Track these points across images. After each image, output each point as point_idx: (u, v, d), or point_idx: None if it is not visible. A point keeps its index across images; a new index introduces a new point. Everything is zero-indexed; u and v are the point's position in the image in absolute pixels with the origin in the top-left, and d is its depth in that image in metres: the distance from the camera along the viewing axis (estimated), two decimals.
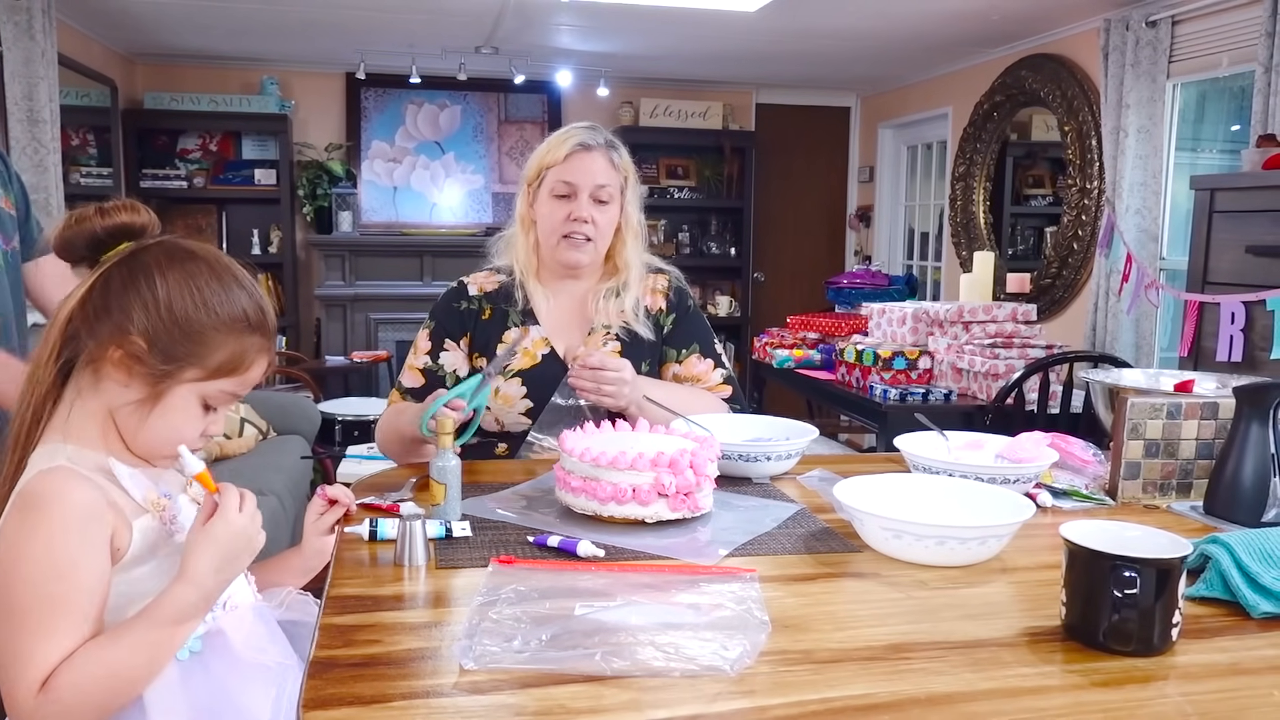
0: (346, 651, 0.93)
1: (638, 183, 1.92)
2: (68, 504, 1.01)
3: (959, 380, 3.34)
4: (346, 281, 5.67)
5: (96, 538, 1.02)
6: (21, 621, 0.98)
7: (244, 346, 1.10)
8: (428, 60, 5.42)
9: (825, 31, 4.64)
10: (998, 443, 1.60)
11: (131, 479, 1.08)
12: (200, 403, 1.10)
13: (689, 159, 6.36)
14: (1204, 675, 0.93)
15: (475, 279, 1.93)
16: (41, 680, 0.96)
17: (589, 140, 1.83)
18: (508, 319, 1.87)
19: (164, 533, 1.09)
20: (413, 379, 1.86)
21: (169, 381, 1.07)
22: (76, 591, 1.00)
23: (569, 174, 1.81)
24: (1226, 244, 2.79)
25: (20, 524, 1.01)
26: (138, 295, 1.06)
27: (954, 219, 5.38)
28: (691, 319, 1.95)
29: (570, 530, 1.28)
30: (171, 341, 1.06)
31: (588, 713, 0.82)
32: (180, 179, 5.61)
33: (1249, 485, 1.38)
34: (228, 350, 1.09)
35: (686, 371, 1.92)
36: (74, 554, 1.00)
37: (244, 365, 1.11)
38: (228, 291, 1.10)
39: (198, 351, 1.07)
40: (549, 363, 1.83)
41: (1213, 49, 3.67)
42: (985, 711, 0.84)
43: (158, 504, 1.09)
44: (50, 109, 3.90)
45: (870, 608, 1.08)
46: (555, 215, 1.82)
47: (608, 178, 1.83)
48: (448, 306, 1.90)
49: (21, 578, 0.99)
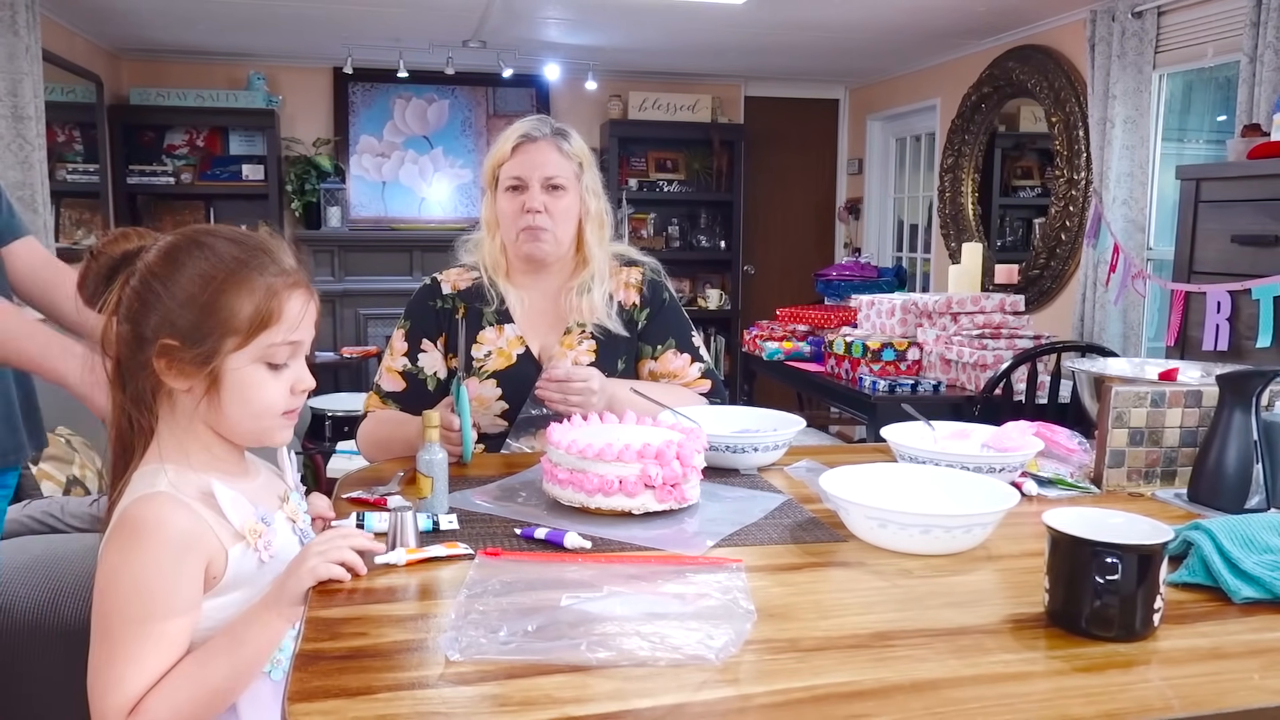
0: (332, 644, 0.93)
1: (596, 170, 1.90)
2: (165, 532, 1.02)
3: (947, 371, 3.35)
4: (335, 277, 5.66)
5: (192, 567, 1.03)
6: (114, 646, 0.99)
7: (261, 293, 1.08)
8: (415, 54, 5.40)
9: (813, 23, 4.64)
10: (984, 432, 1.60)
11: (233, 504, 1.08)
12: (262, 365, 1.09)
13: (678, 152, 6.36)
14: (1185, 660, 0.93)
15: (448, 276, 1.90)
16: (130, 705, 0.98)
17: (533, 131, 1.81)
18: (482, 319, 1.84)
19: (256, 560, 1.09)
20: (393, 382, 1.85)
21: (216, 360, 1.06)
22: (169, 620, 1.01)
23: (516, 167, 1.79)
24: (1212, 234, 2.80)
25: (120, 549, 1.03)
26: (146, 304, 1.07)
27: (943, 210, 5.39)
28: (667, 312, 1.92)
29: (557, 522, 1.28)
30: (194, 324, 1.05)
31: (573, 702, 0.82)
32: (167, 175, 5.58)
33: (1232, 472, 1.38)
34: (249, 305, 1.07)
35: (662, 368, 1.90)
36: (168, 582, 1.01)
37: (275, 310, 1.08)
38: (216, 254, 1.08)
39: (221, 320, 1.06)
40: (524, 363, 1.82)
41: (1198, 39, 3.69)
42: (968, 698, 0.84)
43: (255, 530, 1.09)
44: (35, 105, 3.87)
45: (856, 596, 1.08)
46: (510, 209, 1.80)
47: (558, 167, 1.80)
48: (422, 305, 1.88)
49: (117, 603, 1.01)
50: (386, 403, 1.84)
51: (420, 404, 1.75)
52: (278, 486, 1.20)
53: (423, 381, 1.84)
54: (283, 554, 1.12)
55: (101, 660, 1.00)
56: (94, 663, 1.00)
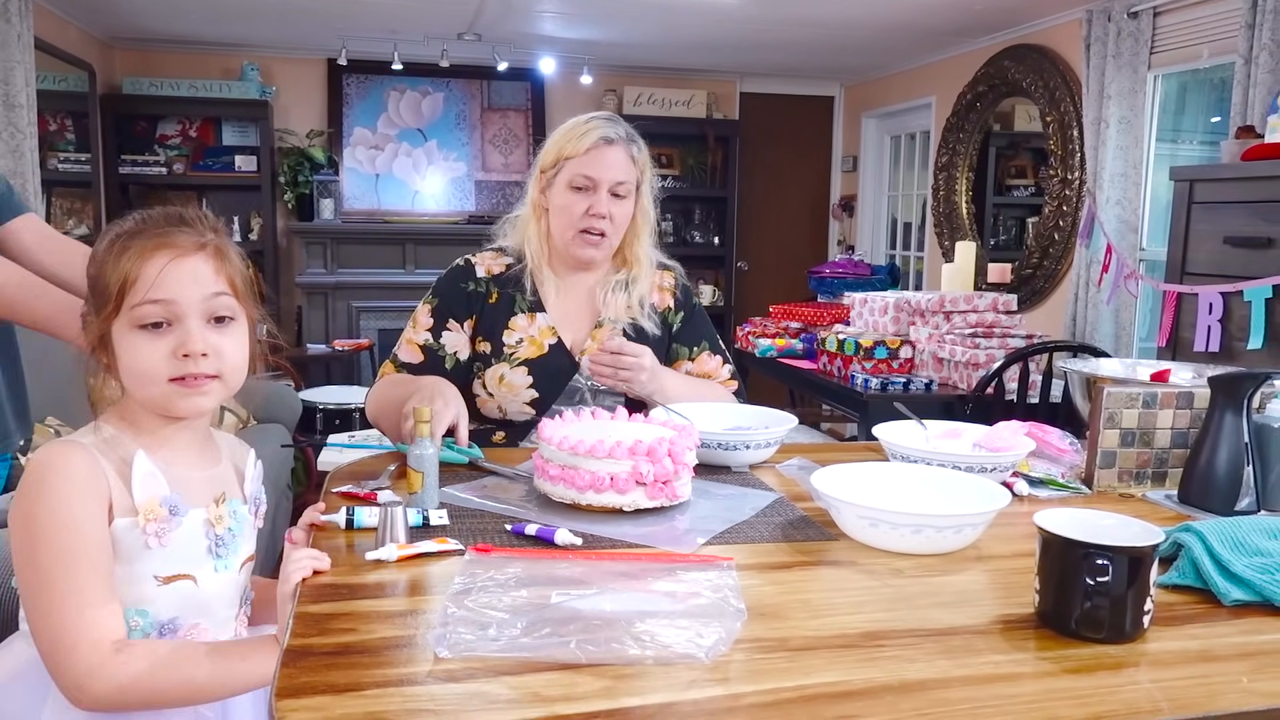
0: (321, 640, 0.92)
1: (653, 176, 1.90)
2: (66, 470, 1.04)
3: (940, 370, 3.35)
4: (328, 269, 5.64)
5: (96, 505, 1.04)
6: (62, 589, 1.00)
7: (129, 258, 1.09)
8: (410, 47, 5.38)
9: (809, 20, 4.63)
10: (975, 432, 1.60)
11: (145, 478, 1.08)
12: (136, 329, 1.09)
13: (673, 148, 6.35)
14: (1175, 662, 0.93)
15: (482, 259, 1.88)
16: (110, 638, 0.99)
17: (611, 134, 1.79)
18: (514, 305, 1.84)
19: (140, 541, 1.07)
20: (411, 354, 1.81)
21: (105, 328, 1.10)
22: (94, 548, 1.02)
23: (590, 168, 1.77)
24: (1205, 235, 2.81)
25: (27, 495, 1.04)
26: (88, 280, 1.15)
27: (936, 209, 5.39)
28: (697, 316, 1.96)
29: (548, 518, 1.28)
30: (92, 294, 1.12)
31: (562, 700, 0.82)
32: (160, 165, 5.55)
33: (1223, 474, 1.39)
34: (116, 271, 1.09)
35: (699, 369, 1.92)
36: (83, 513, 1.03)
37: (133, 272, 1.09)
38: (119, 226, 1.14)
39: (101, 288, 1.10)
40: (555, 353, 1.82)
41: (1193, 40, 3.69)
42: (957, 698, 0.84)
43: (151, 512, 1.07)
44: (27, 93, 3.85)
45: (846, 595, 1.08)
46: (573, 209, 1.78)
47: (627, 173, 1.80)
48: (454, 286, 1.85)
49: (46, 546, 1.02)
50: (401, 372, 1.81)
51: None
52: (221, 486, 1.18)
53: (441, 359, 1.81)
54: (179, 550, 1.10)
55: (55, 607, 0.99)
56: (46, 612, 1.00)
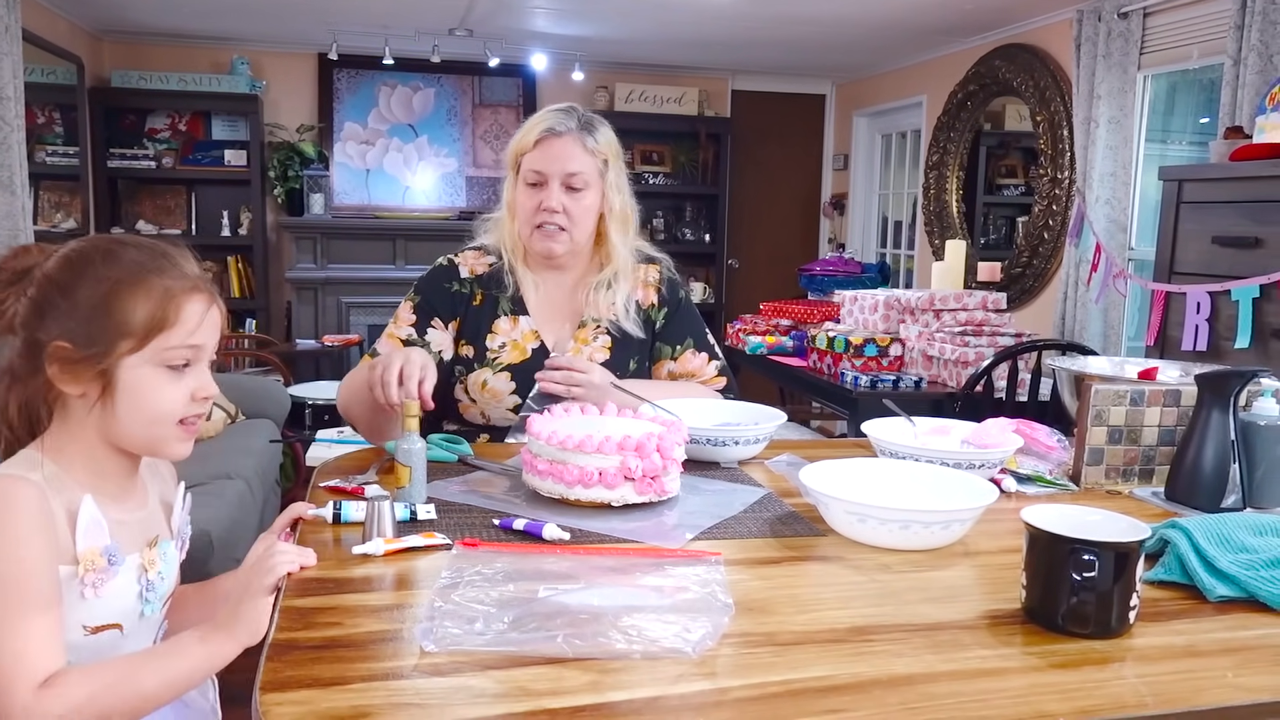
0: (306, 634, 0.92)
1: (621, 164, 1.85)
2: (22, 504, 0.99)
3: (929, 367, 3.36)
4: (318, 264, 5.62)
5: (47, 544, 1.00)
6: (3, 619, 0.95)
7: (159, 297, 1.06)
8: (401, 42, 5.37)
9: (801, 18, 4.64)
10: (964, 428, 1.60)
11: (89, 527, 1.04)
12: (160, 369, 1.07)
13: (664, 145, 6.35)
14: (1160, 657, 0.94)
15: (465, 259, 1.86)
16: (39, 678, 0.94)
17: (558, 125, 1.75)
18: (498, 307, 1.81)
19: (76, 592, 1.04)
20: (392, 348, 1.75)
21: (109, 363, 1.04)
22: (48, 588, 0.99)
23: (538, 162, 1.75)
24: (1193, 234, 2.82)
25: None
26: (41, 310, 1.05)
27: (927, 207, 5.40)
28: (684, 311, 1.91)
29: (537, 513, 1.27)
30: (87, 327, 1.04)
31: (548, 695, 0.82)
32: (149, 159, 5.52)
33: (1209, 471, 1.39)
34: (145, 308, 1.05)
35: (682, 368, 1.88)
36: (35, 552, 0.98)
37: (172, 314, 1.06)
38: (115, 256, 1.07)
39: (115, 323, 1.04)
40: (538, 357, 1.77)
41: (1183, 41, 3.71)
42: (944, 693, 0.84)
43: (92, 564, 1.05)
44: (14, 86, 3.83)
45: (834, 591, 1.08)
46: (528, 205, 1.76)
47: (581, 164, 1.75)
48: (438, 285, 1.83)
49: None
50: None
51: None
52: (153, 528, 1.15)
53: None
54: (111, 601, 1.07)
55: None
56: None
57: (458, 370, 1.81)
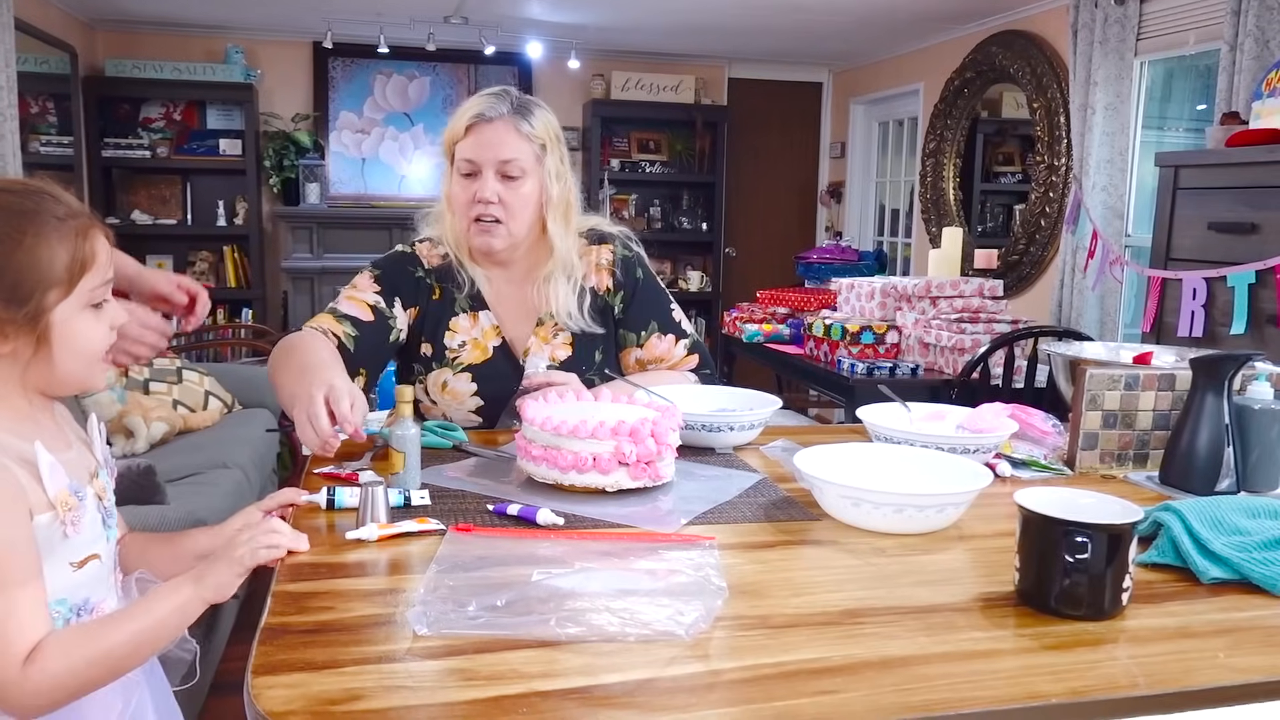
0: (299, 618, 0.92)
1: (562, 149, 1.72)
2: None
3: (926, 355, 3.36)
4: (314, 254, 5.61)
5: (23, 514, 1.00)
6: None
7: (72, 240, 1.04)
8: (396, 30, 5.34)
9: (798, 5, 4.62)
10: (959, 414, 1.61)
11: (51, 470, 1.04)
12: (85, 309, 1.07)
13: (661, 133, 6.33)
14: (1153, 638, 0.94)
15: (421, 250, 1.77)
16: (22, 655, 0.95)
17: (489, 110, 1.64)
18: (455, 304, 1.74)
19: (59, 533, 1.04)
20: (358, 310, 1.66)
21: (42, 316, 1.03)
22: (28, 558, 0.98)
23: (470, 150, 1.64)
24: (1190, 221, 2.81)
25: None
26: None
27: (924, 195, 5.40)
28: (643, 291, 1.79)
29: (531, 499, 1.27)
30: (11, 286, 1.01)
31: (541, 677, 0.82)
32: (143, 148, 5.50)
33: (1203, 455, 1.39)
34: (63, 254, 1.04)
35: (649, 354, 1.80)
36: (11, 531, 0.98)
37: (89, 254, 1.06)
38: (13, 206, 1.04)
39: (39, 276, 1.03)
40: (500, 358, 1.72)
41: (1180, 27, 3.70)
42: (937, 675, 0.84)
43: (66, 503, 1.05)
44: (7, 75, 3.81)
45: (828, 574, 1.08)
46: (462, 197, 1.66)
47: (515, 150, 1.64)
48: (401, 268, 1.74)
49: None
50: (342, 323, 1.64)
51: (374, 351, 1.67)
52: (88, 461, 1.15)
53: (389, 328, 1.68)
54: (86, 533, 1.08)
55: None
56: None
57: (416, 369, 1.75)
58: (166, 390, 3.52)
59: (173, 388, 3.55)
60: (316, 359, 1.46)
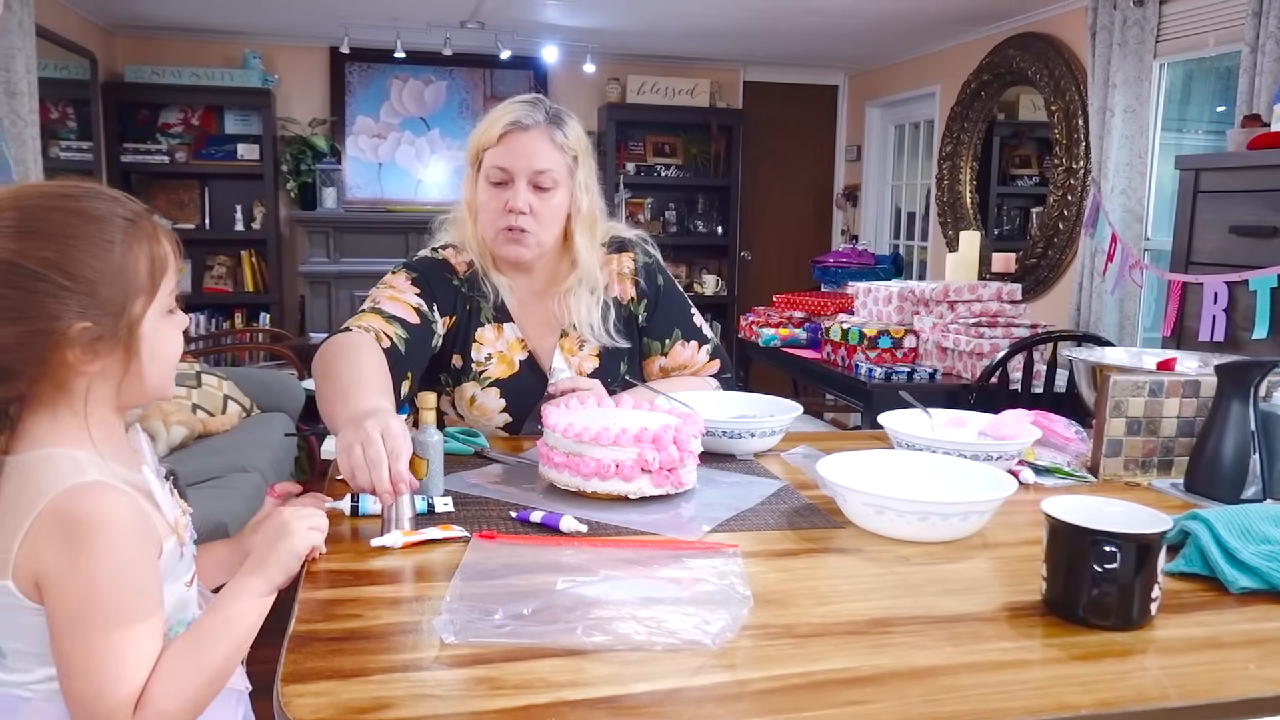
0: (326, 626, 0.92)
1: (592, 161, 1.71)
2: (122, 521, 0.94)
3: (944, 359, 3.35)
4: (331, 258, 5.63)
5: (153, 556, 0.98)
6: (101, 646, 0.92)
7: (147, 242, 1.01)
8: (412, 35, 5.36)
9: (813, 8, 4.61)
10: (981, 420, 1.60)
11: (164, 495, 1.03)
12: (164, 314, 1.03)
13: (676, 137, 6.33)
14: (1182, 649, 0.93)
15: (448, 256, 1.73)
16: (133, 700, 0.92)
17: (525, 118, 1.61)
18: (480, 315, 1.71)
19: (177, 555, 1.04)
20: (403, 311, 1.59)
21: (134, 327, 0.99)
22: (151, 612, 0.96)
23: (503, 158, 1.60)
24: (1210, 224, 2.80)
25: (75, 548, 0.92)
26: (31, 293, 0.94)
27: (940, 199, 5.38)
28: (665, 299, 1.78)
29: (553, 506, 1.27)
30: (106, 298, 0.96)
31: (569, 686, 0.82)
32: (162, 153, 5.54)
33: (1229, 462, 1.38)
34: (144, 259, 1.00)
35: (673, 361, 1.79)
36: (139, 572, 0.95)
37: (163, 255, 1.02)
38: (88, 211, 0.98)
39: (130, 283, 0.99)
40: (527, 372, 1.70)
41: (1200, 29, 3.67)
42: (965, 684, 0.84)
43: (179, 522, 1.05)
44: (28, 81, 3.84)
45: (852, 583, 1.08)
46: (492, 205, 1.62)
47: (549, 160, 1.61)
48: (439, 275, 1.69)
49: (91, 603, 0.92)
50: (391, 324, 1.56)
51: (421, 356, 1.62)
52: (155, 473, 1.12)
53: (432, 333, 1.63)
54: (189, 549, 1.07)
55: (87, 663, 0.92)
56: (75, 668, 0.93)
57: (444, 380, 1.72)
58: (185, 394, 3.54)
59: (192, 392, 3.56)
60: (366, 375, 1.38)
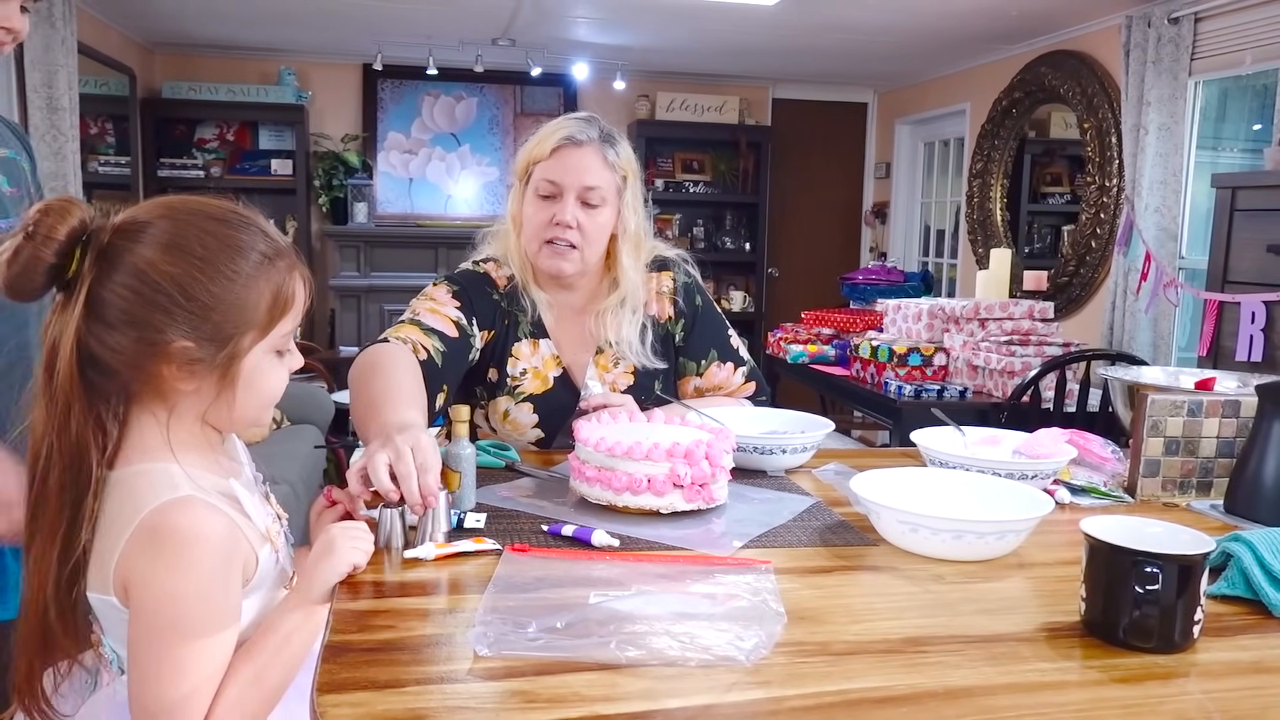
0: (361, 636, 0.93)
1: (640, 182, 1.72)
2: (211, 541, 0.96)
3: (974, 377, 3.32)
4: (361, 272, 5.68)
5: (235, 573, 1.00)
6: (174, 660, 0.94)
7: (278, 281, 1.02)
8: (445, 52, 5.42)
9: (843, 26, 4.62)
10: (1015, 438, 1.58)
11: (253, 505, 1.04)
12: (271, 354, 1.04)
13: (705, 153, 6.35)
14: (1226, 673, 0.92)
15: (489, 270, 1.74)
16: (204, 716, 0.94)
17: (579, 134, 1.63)
18: (518, 330, 1.72)
19: (273, 560, 1.06)
20: (442, 324, 1.60)
21: (236, 361, 1.00)
22: (225, 630, 0.98)
23: (554, 172, 1.62)
24: (1248, 243, 2.76)
25: (165, 563, 0.94)
26: (150, 302, 0.96)
27: (970, 216, 5.35)
28: (703, 320, 1.80)
29: (585, 520, 1.27)
30: (215, 325, 0.98)
31: (602, 700, 0.81)
32: (198, 168, 5.62)
33: (1271, 484, 1.36)
34: (266, 297, 1.01)
35: (708, 382, 1.80)
36: (220, 592, 0.97)
37: (289, 298, 1.03)
38: (230, 240, 1.00)
39: (244, 316, 1.00)
40: (560, 389, 1.71)
41: (1236, 46, 3.64)
42: (1004, 705, 0.83)
43: (273, 530, 1.07)
44: (69, 96, 3.91)
45: (886, 601, 1.07)
46: (538, 218, 1.64)
47: (600, 178, 1.63)
48: (480, 290, 1.70)
49: (172, 618, 0.94)
50: (429, 337, 1.57)
51: (457, 369, 1.63)
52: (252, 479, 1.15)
53: (469, 348, 1.64)
54: (284, 553, 1.09)
55: (159, 675, 0.94)
56: (147, 677, 0.94)
57: (479, 393, 1.73)
58: None
59: None
60: (399, 388, 1.40)
